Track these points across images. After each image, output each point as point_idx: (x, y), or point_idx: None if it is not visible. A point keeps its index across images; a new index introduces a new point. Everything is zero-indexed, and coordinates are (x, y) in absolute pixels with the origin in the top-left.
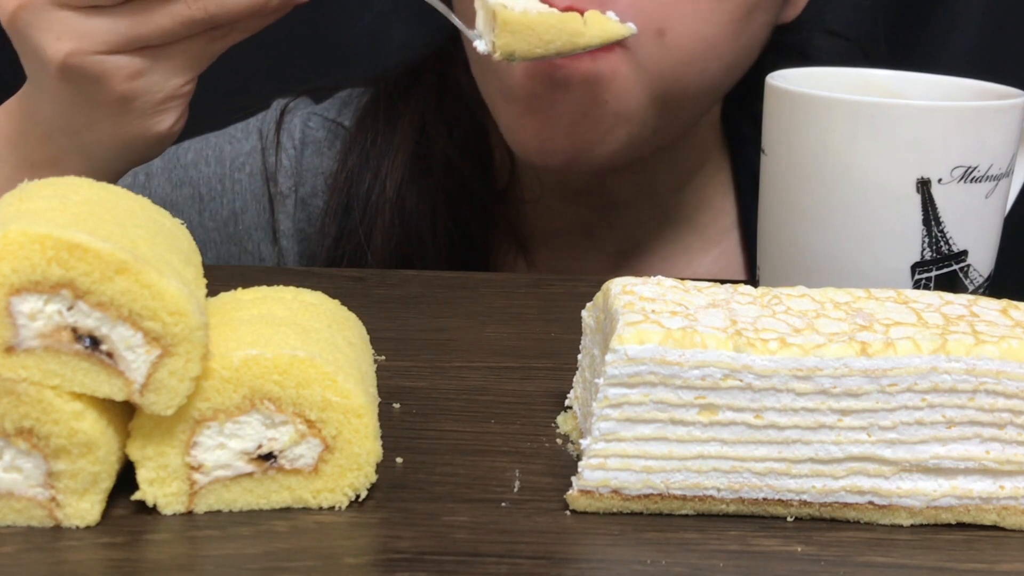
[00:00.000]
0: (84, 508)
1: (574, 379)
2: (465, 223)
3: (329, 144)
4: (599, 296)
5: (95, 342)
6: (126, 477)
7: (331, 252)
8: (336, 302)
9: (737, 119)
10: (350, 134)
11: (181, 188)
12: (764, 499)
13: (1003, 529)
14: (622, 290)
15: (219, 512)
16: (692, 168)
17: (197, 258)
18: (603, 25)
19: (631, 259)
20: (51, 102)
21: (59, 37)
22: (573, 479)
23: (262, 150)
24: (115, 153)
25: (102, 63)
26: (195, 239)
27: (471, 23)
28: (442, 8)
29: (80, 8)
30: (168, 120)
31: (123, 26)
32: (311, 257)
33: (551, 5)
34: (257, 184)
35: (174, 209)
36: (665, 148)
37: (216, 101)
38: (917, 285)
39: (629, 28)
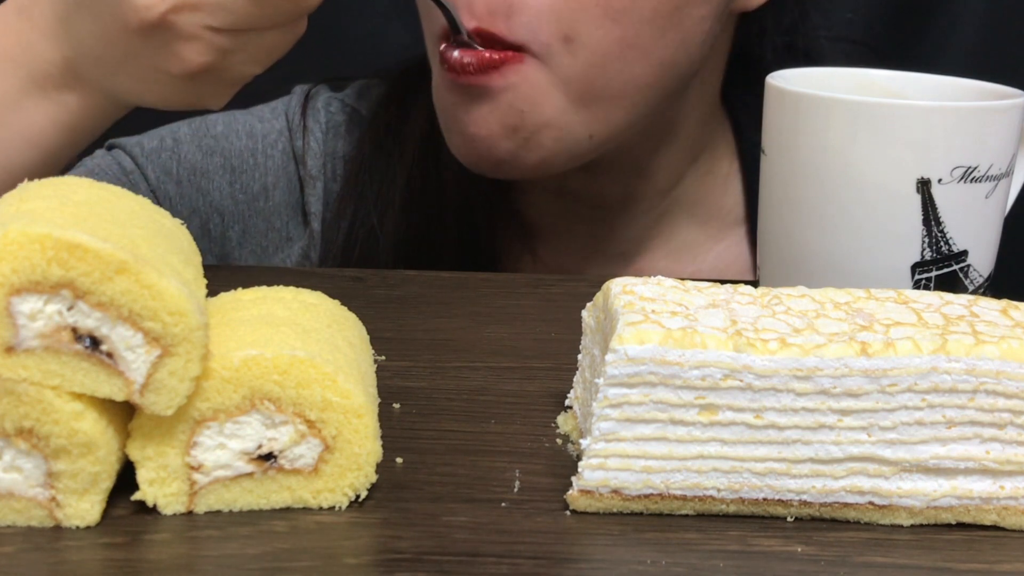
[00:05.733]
0: (84, 508)
1: (574, 379)
2: (473, 214)
3: (348, 129)
4: (599, 296)
5: (95, 342)
6: (126, 477)
7: (347, 235)
8: (336, 302)
9: (739, 118)
10: (366, 121)
11: (212, 156)
12: (764, 499)
13: (1003, 529)
14: (622, 290)
15: (219, 512)
16: (682, 166)
17: (197, 258)
18: None
19: (635, 258)
20: (104, 44)
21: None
22: (573, 479)
23: (289, 132)
24: (135, 100)
25: (199, 34)
26: (226, 209)
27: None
28: None
29: None
30: (220, 102)
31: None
32: (329, 241)
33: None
34: (289, 163)
35: (205, 177)
36: (650, 150)
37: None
38: (917, 285)
39: None
